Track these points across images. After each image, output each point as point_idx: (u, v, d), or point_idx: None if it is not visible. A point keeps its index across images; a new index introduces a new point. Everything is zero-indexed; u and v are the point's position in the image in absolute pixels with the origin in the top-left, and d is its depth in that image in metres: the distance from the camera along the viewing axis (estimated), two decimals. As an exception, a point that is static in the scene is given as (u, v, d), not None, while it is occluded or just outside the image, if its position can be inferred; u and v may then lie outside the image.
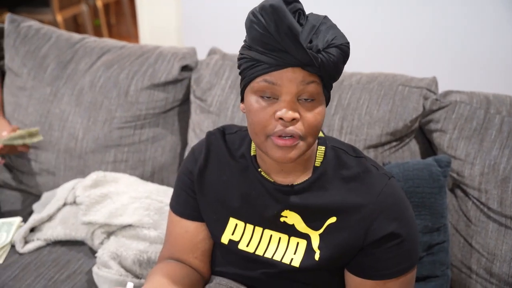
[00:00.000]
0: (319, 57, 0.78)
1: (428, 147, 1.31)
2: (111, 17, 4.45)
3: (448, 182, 1.21)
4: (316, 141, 0.93)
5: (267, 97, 0.83)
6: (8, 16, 1.60)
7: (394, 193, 0.90)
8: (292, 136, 0.83)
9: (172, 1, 2.56)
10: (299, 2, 0.81)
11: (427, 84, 1.24)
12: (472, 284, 1.18)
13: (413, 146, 1.27)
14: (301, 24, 0.80)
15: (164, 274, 0.98)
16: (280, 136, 0.83)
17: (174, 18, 2.57)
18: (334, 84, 0.99)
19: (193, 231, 1.02)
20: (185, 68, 1.44)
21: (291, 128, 0.81)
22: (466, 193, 1.18)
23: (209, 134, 1.00)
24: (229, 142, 0.98)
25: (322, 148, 0.92)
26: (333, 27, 0.83)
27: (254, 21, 0.79)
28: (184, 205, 1.02)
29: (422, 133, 1.30)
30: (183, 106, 1.50)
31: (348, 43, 0.83)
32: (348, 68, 1.22)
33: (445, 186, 1.15)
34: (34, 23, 1.60)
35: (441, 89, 1.30)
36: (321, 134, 0.95)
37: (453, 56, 1.77)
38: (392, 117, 1.23)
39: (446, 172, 1.15)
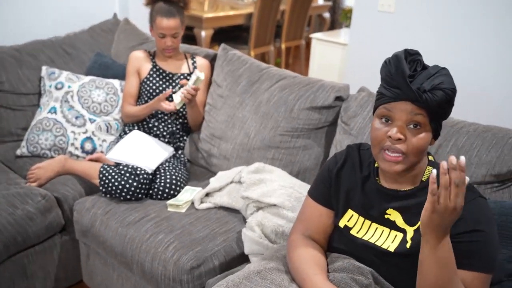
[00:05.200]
0: (424, 95, 0.96)
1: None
2: (289, 58, 5.11)
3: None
4: (426, 162, 1.08)
5: (385, 121, 1.03)
6: (222, 45, 2.02)
7: (476, 206, 1.02)
8: (397, 152, 1.00)
9: (339, 49, 3.04)
10: (420, 55, 1.01)
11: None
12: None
13: (512, 190, 1.29)
14: (415, 70, 0.99)
15: (316, 263, 1.13)
16: (388, 151, 1.01)
17: (338, 61, 3.02)
18: (453, 128, 1.18)
19: (325, 216, 1.21)
20: (338, 98, 1.68)
21: (397, 146, 1.00)
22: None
23: (349, 147, 1.22)
24: (362, 155, 1.19)
25: (430, 168, 1.08)
26: (446, 75, 0.99)
27: (384, 65, 1.02)
28: (322, 194, 1.21)
29: (521, 181, 1.30)
30: (331, 127, 1.72)
31: (454, 89, 0.97)
32: (469, 118, 1.43)
33: (531, 227, 1.17)
34: (237, 52, 1.98)
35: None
36: (431, 158, 1.11)
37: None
38: (498, 163, 1.32)
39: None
